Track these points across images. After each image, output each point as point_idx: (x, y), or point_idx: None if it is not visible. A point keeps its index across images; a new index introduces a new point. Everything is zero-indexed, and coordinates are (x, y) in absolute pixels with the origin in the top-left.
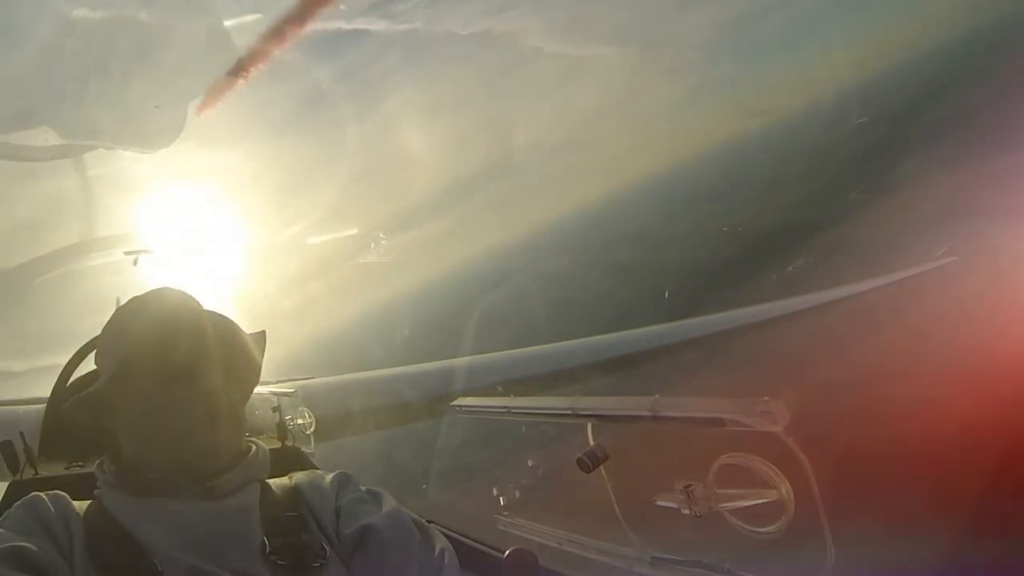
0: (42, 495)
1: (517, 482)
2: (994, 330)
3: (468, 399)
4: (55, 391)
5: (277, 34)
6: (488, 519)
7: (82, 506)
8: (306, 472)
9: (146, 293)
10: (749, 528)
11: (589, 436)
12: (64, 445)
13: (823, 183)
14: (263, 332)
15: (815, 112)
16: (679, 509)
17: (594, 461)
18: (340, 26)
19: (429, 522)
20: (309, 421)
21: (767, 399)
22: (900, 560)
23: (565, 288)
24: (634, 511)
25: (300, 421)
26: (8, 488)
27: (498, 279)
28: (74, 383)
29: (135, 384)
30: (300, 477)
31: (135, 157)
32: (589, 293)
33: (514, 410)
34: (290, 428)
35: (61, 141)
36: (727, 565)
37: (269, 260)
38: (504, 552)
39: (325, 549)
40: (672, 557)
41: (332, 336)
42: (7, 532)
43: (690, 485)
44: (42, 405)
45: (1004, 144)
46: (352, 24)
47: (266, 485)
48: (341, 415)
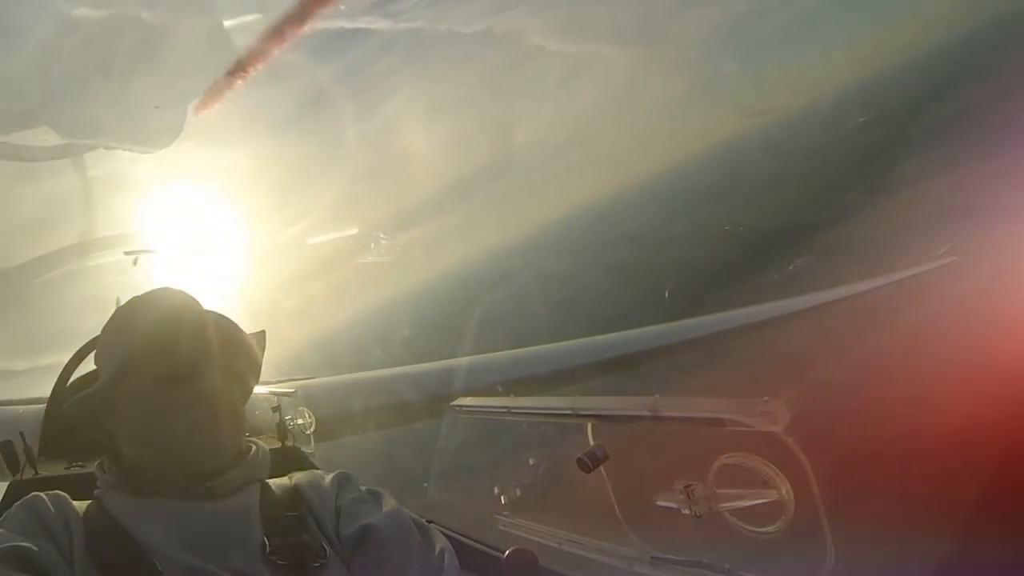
0: (42, 495)
1: (517, 482)
2: (994, 330)
3: (468, 399)
4: (55, 391)
5: (278, 33)
6: (488, 519)
7: (82, 506)
8: (306, 472)
9: (146, 293)
10: (749, 528)
11: (589, 436)
12: (64, 445)
13: (823, 183)
14: (263, 332)
15: (815, 112)
16: (679, 509)
17: (594, 461)
18: (341, 25)
19: (429, 522)
20: (309, 421)
21: (767, 399)
22: (900, 560)
23: (565, 288)
24: (634, 511)
25: (300, 421)
26: (8, 488)
27: (498, 279)
28: (74, 383)
29: (135, 384)
30: (300, 477)
31: (135, 157)
32: (589, 293)
33: (514, 410)
34: (290, 428)
35: (61, 141)
36: (727, 565)
37: (269, 260)
38: (504, 552)
39: (325, 549)
40: (672, 557)
41: (332, 336)
42: (7, 532)
43: (690, 485)
44: (42, 405)
45: (1004, 144)
46: (353, 23)
47: (266, 485)
48: (341, 415)
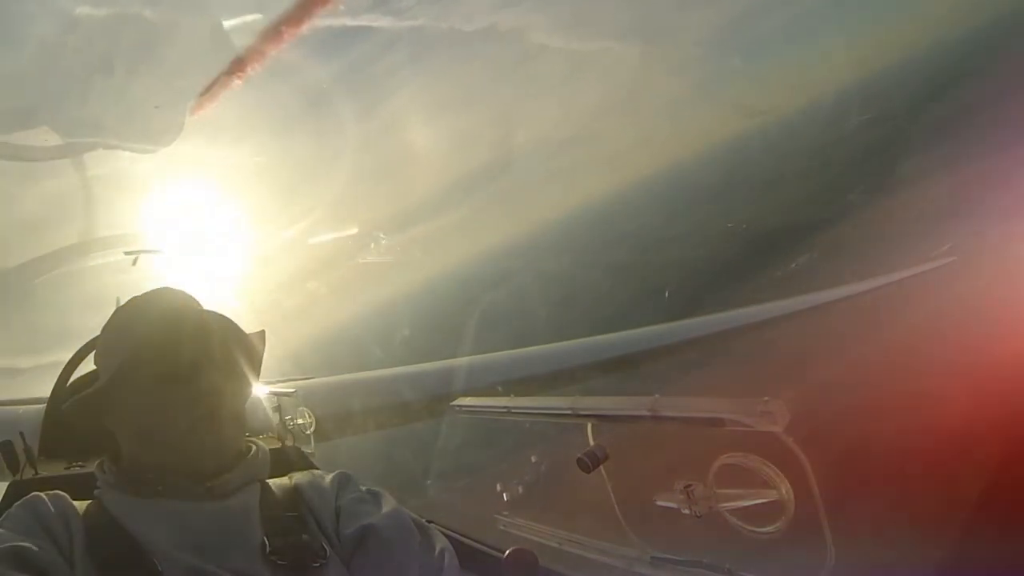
0: (42, 495)
1: (517, 482)
2: (994, 330)
3: (468, 399)
4: (55, 391)
5: (278, 33)
6: (488, 519)
7: (82, 506)
8: (306, 472)
9: (146, 293)
10: (749, 528)
11: (589, 436)
12: (64, 445)
13: (823, 183)
14: (263, 331)
15: (815, 112)
16: (679, 509)
17: (594, 461)
18: (343, 23)
19: (429, 522)
20: (309, 421)
21: (767, 399)
22: (900, 560)
23: (565, 288)
24: (634, 511)
25: (300, 421)
26: (8, 488)
27: (498, 279)
28: (74, 383)
29: (135, 384)
30: (300, 477)
31: (135, 157)
32: (589, 293)
33: (514, 410)
34: (290, 428)
35: (62, 140)
36: (727, 565)
37: (269, 260)
38: (504, 552)
39: (325, 549)
40: (672, 557)
41: (332, 336)
42: (7, 532)
43: (690, 485)
44: (42, 405)
45: (1004, 144)
46: (356, 21)
47: (266, 485)
48: (341, 415)
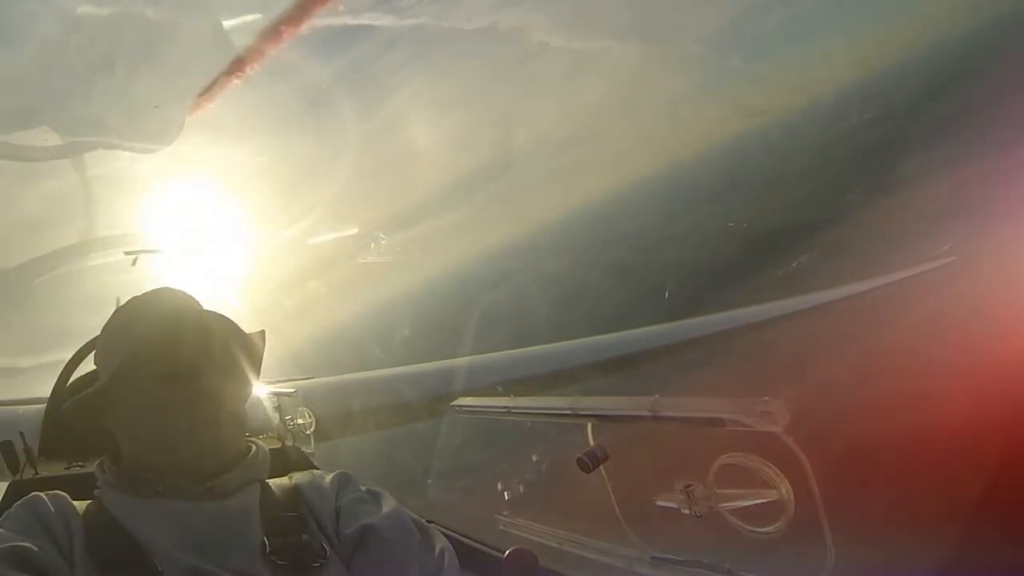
0: (42, 495)
1: (517, 482)
2: (994, 330)
3: (468, 399)
4: (55, 391)
5: (279, 32)
6: (488, 519)
7: (82, 506)
8: (306, 472)
9: (145, 293)
10: (749, 528)
11: (589, 436)
12: (64, 445)
13: (823, 183)
14: (263, 331)
15: (815, 112)
16: (679, 509)
17: (594, 461)
18: (344, 22)
19: (429, 522)
20: (309, 421)
21: (767, 399)
22: (900, 560)
23: (565, 288)
24: (634, 511)
25: (300, 421)
26: (8, 488)
27: (498, 279)
28: (74, 383)
29: (135, 384)
30: (300, 477)
31: (136, 156)
32: (589, 293)
33: (514, 410)
34: (290, 428)
35: (62, 140)
36: (727, 565)
37: (270, 260)
38: (504, 552)
39: (325, 549)
40: (672, 557)
41: (332, 336)
42: (7, 532)
43: (690, 485)
44: (42, 405)
45: (1004, 144)
46: (357, 19)
47: (266, 485)
48: (341, 415)
